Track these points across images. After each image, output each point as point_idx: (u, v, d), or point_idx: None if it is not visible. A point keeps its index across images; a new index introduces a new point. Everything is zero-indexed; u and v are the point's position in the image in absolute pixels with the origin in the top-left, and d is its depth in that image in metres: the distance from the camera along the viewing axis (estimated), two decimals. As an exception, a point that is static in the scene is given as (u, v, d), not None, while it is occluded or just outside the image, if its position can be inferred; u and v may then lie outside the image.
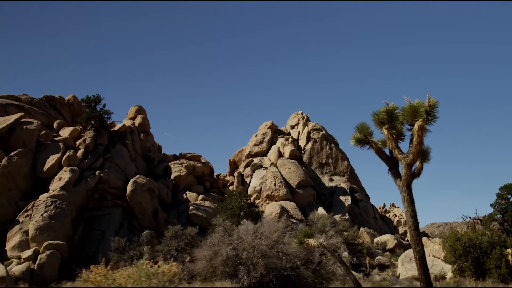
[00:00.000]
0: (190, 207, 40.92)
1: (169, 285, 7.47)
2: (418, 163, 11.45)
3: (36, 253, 26.89)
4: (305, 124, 56.88)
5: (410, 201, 10.95)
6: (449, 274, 25.50)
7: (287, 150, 50.72)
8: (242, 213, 30.83)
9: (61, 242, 28.09)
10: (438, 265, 32.66)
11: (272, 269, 19.29)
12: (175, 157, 52.70)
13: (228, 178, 54.91)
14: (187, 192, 44.87)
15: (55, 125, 45.18)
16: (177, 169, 46.91)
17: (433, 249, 34.99)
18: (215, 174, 55.91)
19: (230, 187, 51.36)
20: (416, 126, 10.54)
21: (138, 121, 52.52)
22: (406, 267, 33.42)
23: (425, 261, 10.63)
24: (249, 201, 33.76)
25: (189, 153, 54.28)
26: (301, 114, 59.12)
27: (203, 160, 54.31)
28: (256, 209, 32.39)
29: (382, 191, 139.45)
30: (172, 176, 46.11)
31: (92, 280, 7.22)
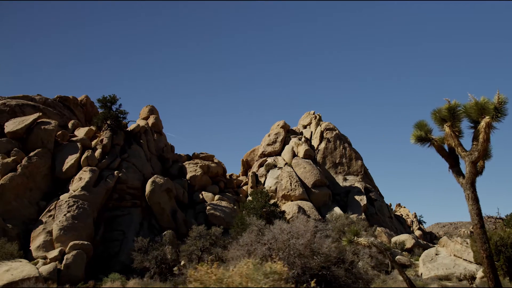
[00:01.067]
0: (208, 207, 40.80)
1: (284, 285, 7.31)
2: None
3: (62, 253, 26.80)
4: (318, 124, 56.75)
5: (475, 199, 10.83)
6: (479, 274, 25.38)
7: (301, 149, 50.59)
8: (264, 212, 30.65)
9: (86, 242, 28.00)
10: (461, 265, 32.53)
11: (308, 269, 19.17)
12: (188, 157, 52.60)
13: (241, 178, 54.79)
14: (203, 192, 44.77)
15: (70, 125, 45.11)
16: (192, 169, 46.81)
17: (454, 248, 34.85)
18: (227, 174, 55.81)
19: (244, 187, 51.28)
20: (483, 123, 10.42)
21: (151, 121, 52.41)
22: (428, 266, 33.29)
23: (493, 260, 10.52)
24: (271, 200, 33.60)
25: (201, 153, 54.19)
26: (313, 113, 59.00)
27: (215, 160, 54.22)
28: (278, 209, 32.23)
29: (387, 191, 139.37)
30: (188, 176, 46.01)
31: (203, 279, 7.05)
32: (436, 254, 35.40)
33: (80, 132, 43.98)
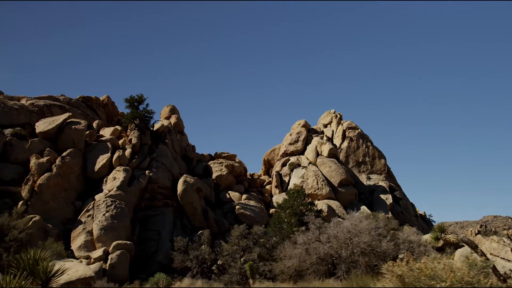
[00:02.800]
0: (237, 207, 40.64)
1: (484, 279, 7.14)
2: None
3: (106, 253, 26.68)
4: (339, 123, 56.56)
5: None
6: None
7: (325, 148, 50.41)
8: (304, 211, 30.46)
9: (128, 242, 27.92)
10: (499, 263, 32.27)
11: (371, 267, 19.04)
12: (211, 157, 52.43)
13: (263, 177, 54.62)
14: (230, 192, 44.62)
15: (94, 125, 45.02)
16: (217, 169, 46.66)
17: (491, 247, 34.60)
18: (247, 173, 55.62)
19: (268, 187, 51.10)
20: None
21: (173, 121, 52.22)
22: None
23: None
24: (308, 199, 33.39)
25: (223, 153, 54.01)
26: (334, 112, 58.82)
27: (237, 160, 54.04)
28: (315, 207, 32.04)
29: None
30: (214, 176, 45.86)
31: (407, 275, 6.85)
32: (472, 253, 35.22)
33: (106, 132, 43.92)
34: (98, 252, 26.76)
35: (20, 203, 29.14)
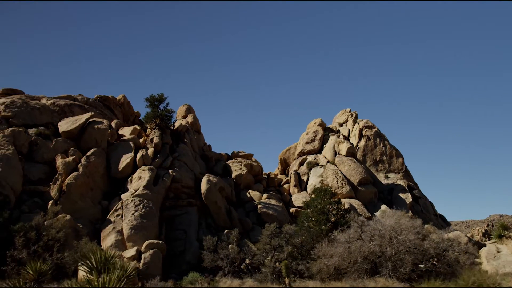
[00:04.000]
0: (259, 206, 40.53)
1: None
2: None
3: (139, 252, 26.62)
4: (355, 122, 56.40)
5: None
6: None
7: (343, 147, 50.30)
8: (332, 210, 30.35)
9: (160, 242, 27.87)
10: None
11: (416, 265, 18.94)
12: (228, 156, 52.34)
13: (279, 176, 54.48)
14: (250, 191, 44.53)
15: (113, 124, 45.01)
16: (237, 168, 46.56)
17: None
18: (263, 172, 55.49)
19: (285, 186, 50.98)
20: None
21: (189, 120, 52.20)
22: (493, 264, 32.93)
23: None
24: (335, 198, 33.25)
25: (240, 152, 53.92)
26: (349, 111, 58.66)
27: (253, 159, 53.94)
28: (343, 206, 31.90)
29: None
30: (233, 175, 45.75)
31: None
32: (498, 252, 35.09)
33: (125, 131, 43.93)
34: (131, 252, 26.69)
35: (50, 202, 29.10)
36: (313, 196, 32.67)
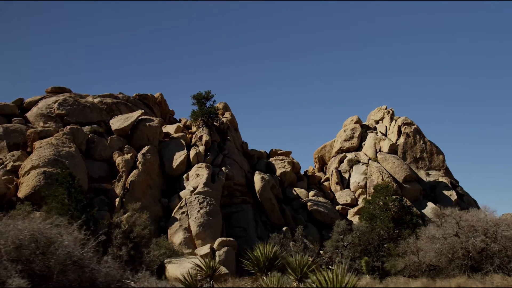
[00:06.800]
0: (309, 203, 40.30)
1: None
2: None
3: (212, 250, 26.42)
4: (391, 119, 55.92)
5: None
6: None
7: (384, 144, 49.88)
8: (394, 208, 30.06)
9: (232, 239, 27.68)
10: None
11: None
12: (267, 154, 52.08)
13: (317, 174, 54.17)
14: (296, 188, 44.29)
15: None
16: (281, 166, 46.32)
17: None
18: (302, 170, 55.19)
19: (325, 183, 50.66)
20: None
21: (227, 118, 51.99)
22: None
23: None
24: (396, 195, 32.92)
25: (278, 150, 53.63)
26: (385, 108, 58.18)
27: (290, 157, 53.66)
28: (406, 203, 31.60)
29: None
30: (278, 173, 45.48)
31: None
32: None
33: (169, 129, 43.77)
34: (205, 249, 26.49)
35: (117, 200, 28.96)
36: (372, 193, 32.31)
